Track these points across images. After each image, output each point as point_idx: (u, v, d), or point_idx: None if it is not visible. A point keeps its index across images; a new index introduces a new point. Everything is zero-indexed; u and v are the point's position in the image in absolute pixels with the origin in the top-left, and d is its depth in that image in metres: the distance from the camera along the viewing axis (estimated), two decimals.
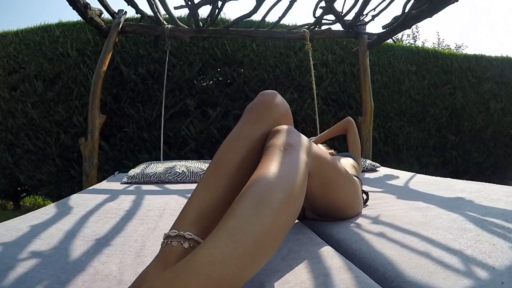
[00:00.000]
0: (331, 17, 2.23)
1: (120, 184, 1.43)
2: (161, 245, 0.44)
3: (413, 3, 1.94)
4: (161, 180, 1.46)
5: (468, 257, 0.50)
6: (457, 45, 7.28)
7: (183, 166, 1.55)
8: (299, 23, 2.57)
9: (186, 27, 2.24)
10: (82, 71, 2.55)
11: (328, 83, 2.83)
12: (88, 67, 2.55)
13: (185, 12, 2.24)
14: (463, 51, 6.65)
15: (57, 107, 2.52)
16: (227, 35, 2.28)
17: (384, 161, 2.88)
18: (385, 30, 2.29)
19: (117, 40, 2.14)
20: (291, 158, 0.47)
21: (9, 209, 2.97)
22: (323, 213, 0.74)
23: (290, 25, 2.77)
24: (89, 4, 1.90)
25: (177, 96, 2.57)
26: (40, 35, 2.69)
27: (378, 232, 0.65)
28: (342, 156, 1.17)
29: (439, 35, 9.85)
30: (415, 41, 7.19)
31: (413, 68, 3.16)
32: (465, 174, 3.31)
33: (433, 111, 3.17)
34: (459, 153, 3.24)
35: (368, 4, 2.02)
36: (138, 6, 2.06)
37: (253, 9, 1.92)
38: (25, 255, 0.56)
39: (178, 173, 1.47)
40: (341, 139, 2.75)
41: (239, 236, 0.35)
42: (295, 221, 0.45)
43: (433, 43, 7.49)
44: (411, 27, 2.20)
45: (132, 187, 1.34)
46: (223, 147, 0.54)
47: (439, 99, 3.21)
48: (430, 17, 1.92)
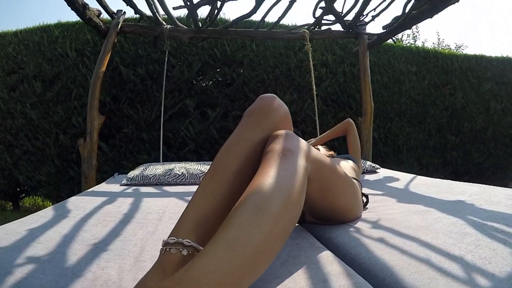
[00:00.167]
0: (331, 17, 2.22)
1: (119, 186, 1.43)
2: (160, 252, 0.44)
3: (413, 3, 1.94)
4: (160, 182, 1.46)
5: (468, 263, 0.49)
6: (457, 45, 7.28)
7: (182, 168, 1.54)
8: (299, 23, 2.56)
9: (185, 27, 2.23)
10: (81, 72, 2.54)
11: (328, 84, 2.82)
12: (87, 67, 2.54)
13: (184, 12, 2.23)
14: (463, 51, 6.65)
15: (56, 107, 2.52)
16: (226, 35, 2.28)
17: (384, 162, 2.87)
18: (385, 30, 2.29)
19: (116, 40, 2.13)
20: (290, 164, 0.47)
21: (8, 209, 2.97)
22: (322, 217, 0.74)
23: (290, 25, 2.76)
24: (88, 5, 1.90)
25: (176, 97, 2.56)
26: (39, 35, 2.69)
27: (378, 236, 0.65)
28: (342, 159, 1.17)
29: (439, 35, 9.86)
30: (415, 41, 7.19)
31: (413, 69, 3.15)
32: (465, 174, 3.31)
33: (433, 111, 3.16)
34: (459, 154, 3.24)
35: (368, 4, 2.02)
36: (137, 7, 2.06)
37: (252, 9, 1.92)
38: (24, 260, 0.56)
39: (177, 175, 1.47)
40: (341, 139, 2.75)
41: (237, 245, 0.35)
42: (294, 226, 0.45)
43: (433, 43, 7.49)
44: (411, 27, 2.20)
45: (131, 189, 1.34)
46: (222, 152, 0.53)
47: (439, 100, 3.21)
48: (431, 18, 1.92)
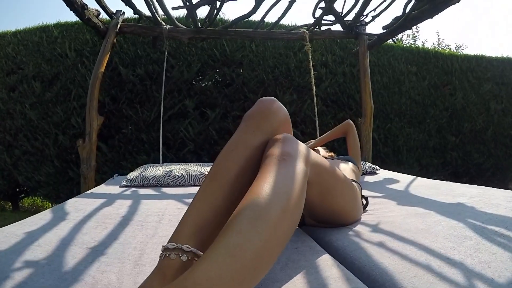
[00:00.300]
0: (331, 17, 2.21)
1: (119, 187, 1.43)
2: (159, 257, 0.44)
3: (414, 3, 1.93)
4: (160, 184, 1.45)
5: (467, 267, 0.49)
6: (457, 45, 7.27)
7: (182, 169, 1.54)
8: (298, 24, 2.56)
9: (185, 27, 2.23)
10: (80, 72, 2.54)
11: (328, 84, 2.82)
12: (86, 67, 2.54)
13: (183, 12, 2.23)
14: (463, 51, 6.66)
15: (55, 108, 2.51)
16: (226, 35, 2.27)
17: (383, 163, 2.87)
18: (385, 31, 2.28)
19: (115, 40, 2.13)
20: (289, 169, 0.47)
21: (7, 210, 2.97)
22: (322, 220, 0.74)
23: (290, 25, 2.76)
24: (87, 5, 1.89)
25: (175, 97, 2.56)
26: (38, 35, 2.68)
27: (378, 239, 0.65)
28: (341, 160, 1.17)
29: (439, 35, 9.83)
30: (415, 41, 7.18)
31: (413, 69, 3.15)
32: (465, 175, 3.31)
33: (433, 112, 3.16)
34: (459, 154, 3.24)
35: (368, 4, 2.01)
36: (136, 7, 2.05)
37: (252, 10, 1.91)
38: (24, 264, 0.56)
39: (177, 177, 1.47)
40: (341, 140, 2.75)
41: (237, 252, 0.35)
42: (294, 231, 0.45)
43: (433, 43, 7.48)
44: (412, 27, 2.19)
45: (131, 191, 1.34)
46: (222, 156, 0.53)
47: (439, 100, 3.21)
48: (431, 18, 1.91)
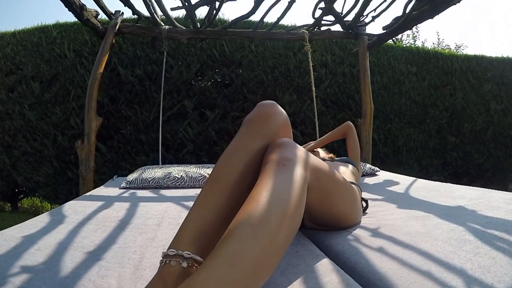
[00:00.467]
0: (330, 17, 2.21)
1: (118, 189, 1.43)
2: (159, 264, 0.43)
3: (414, 4, 1.92)
4: (159, 185, 1.45)
5: (466, 272, 0.49)
6: (457, 45, 7.27)
7: (181, 171, 1.54)
8: (298, 24, 2.55)
9: (184, 28, 2.22)
10: (79, 73, 2.53)
11: (328, 84, 2.82)
12: (85, 68, 2.53)
13: (182, 12, 2.23)
14: (463, 51, 6.66)
15: (54, 108, 2.51)
16: (225, 36, 2.26)
17: (383, 163, 2.87)
18: (385, 31, 2.28)
19: (114, 41, 2.12)
20: (288, 175, 0.47)
21: (7, 210, 2.96)
22: (322, 223, 0.74)
23: (289, 25, 2.76)
24: (85, 6, 1.88)
25: (174, 98, 2.55)
26: (37, 36, 2.68)
27: (377, 243, 0.64)
28: (341, 163, 1.17)
29: (439, 35, 9.84)
30: (415, 41, 7.18)
31: (413, 69, 3.15)
32: (465, 175, 3.31)
33: (433, 112, 3.16)
34: (459, 155, 3.24)
35: (368, 5, 2.01)
36: (134, 7, 2.04)
37: (251, 10, 1.91)
38: (24, 268, 0.56)
39: (176, 178, 1.47)
40: (341, 141, 2.74)
41: (237, 259, 0.35)
42: (294, 237, 0.45)
43: (433, 43, 7.48)
44: (412, 28, 2.18)
45: (130, 193, 1.33)
46: (221, 161, 0.53)
47: (439, 100, 3.20)
48: (431, 18, 1.90)
